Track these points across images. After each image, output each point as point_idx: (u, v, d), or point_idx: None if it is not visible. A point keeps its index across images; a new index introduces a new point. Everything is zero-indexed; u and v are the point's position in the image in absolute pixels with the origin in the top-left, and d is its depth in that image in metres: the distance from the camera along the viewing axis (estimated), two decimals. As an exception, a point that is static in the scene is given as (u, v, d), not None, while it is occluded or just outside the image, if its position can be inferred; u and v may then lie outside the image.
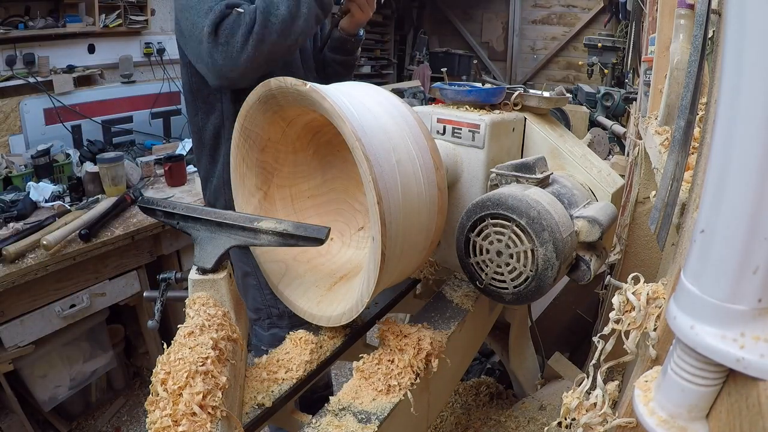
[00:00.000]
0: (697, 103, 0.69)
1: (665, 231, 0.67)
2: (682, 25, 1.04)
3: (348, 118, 0.68)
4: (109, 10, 2.65)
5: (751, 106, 0.31)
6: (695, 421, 0.38)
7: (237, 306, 0.75)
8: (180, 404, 0.55)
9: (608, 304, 1.37)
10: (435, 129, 1.01)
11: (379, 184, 0.67)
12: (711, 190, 0.34)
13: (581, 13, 5.47)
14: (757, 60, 0.30)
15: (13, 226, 1.72)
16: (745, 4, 0.30)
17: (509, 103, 1.03)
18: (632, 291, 0.58)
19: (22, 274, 1.55)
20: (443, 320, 0.95)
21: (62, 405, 1.97)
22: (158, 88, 2.98)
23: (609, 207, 0.91)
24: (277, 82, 0.77)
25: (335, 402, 0.75)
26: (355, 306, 0.78)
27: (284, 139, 0.94)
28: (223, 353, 0.64)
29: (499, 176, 0.92)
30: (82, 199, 2.02)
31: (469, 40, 6.11)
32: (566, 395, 0.64)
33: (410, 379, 0.78)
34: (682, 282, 0.37)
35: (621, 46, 3.81)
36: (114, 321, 2.12)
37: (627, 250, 1.39)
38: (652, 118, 1.25)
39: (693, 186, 0.66)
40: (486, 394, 1.61)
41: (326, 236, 0.70)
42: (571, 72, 5.65)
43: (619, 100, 3.05)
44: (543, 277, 0.78)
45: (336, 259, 0.99)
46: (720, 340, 0.33)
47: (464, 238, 0.86)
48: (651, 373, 0.45)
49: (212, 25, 1.02)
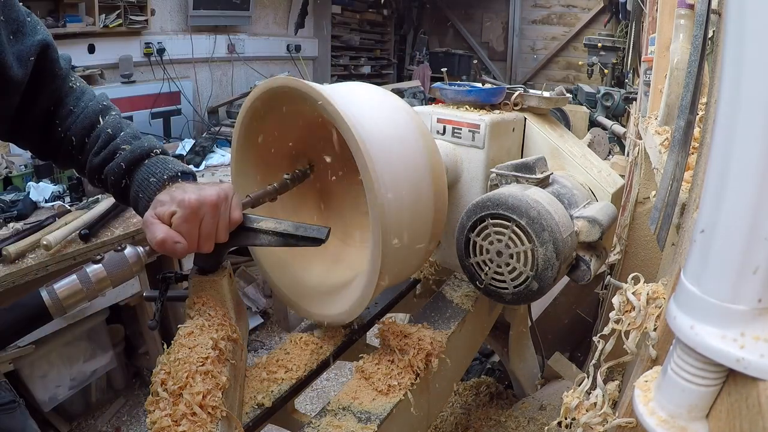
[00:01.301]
0: (697, 103, 0.69)
1: (665, 231, 0.67)
2: (682, 25, 1.04)
3: (348, 117, 0.68)
4: (109, 10, 2.65)
5: (751, 106, 0.31)
6: (695, 421, 0.38)
7: (237, 306, 0.75)
8: (180, 404, 0.56)
9: (608, 304, 1.37)
10: (435, 129, 1.01)
11: (379, 183, 0.67)
12: (711, 190, 0.34)
13: (581, 13, 5.47)
14: (757, 60, 0.31)
15: (13, 226, 1.72)
16: (745, 4, 0.30)
17: (509, 103, 1.03)
18: (632, 291, 0.58)
19: (22, 274, 1.54)
20: (443, 320, 0.95)
21: (62, 405, 1.96)
22: (158, 88, 2.98)
23: (609, 207, 0.91)
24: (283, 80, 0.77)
25: (335, 402, 0.75)
26: (355, 306, 0.78)
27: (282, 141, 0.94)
28: (223, 353, 0.64)
29: (499, 176, 0.92)
30: (82, 199, 2.02)
31: (469, 40, 6.11)
32: (566, 395, 0.64)
33: (410, 379, 0.78)
34: (682, 282, 0.37)
35: (621, 46, 3.81)
36: (114, 321, 2.12)
37: (627, 250, 1.39)
38: (652, 118, 1.25)
39: (693, 186, 0.66)
40: (486, 394, 1.61)
41: (326, 236, 0.70)
42: (571, 72, 5.65)
43: (619, 100, 3.05)
44: (543, 277, 0.78)
45: (336, 258, 0.99)
46: (720, 340, 0.33)
47: (464, 238, 0.86)
48: (651, 373, 0.45)
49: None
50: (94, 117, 0.73)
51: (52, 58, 0.71)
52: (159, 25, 3.06)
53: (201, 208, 0.62)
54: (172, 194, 0.63)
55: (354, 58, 5.10)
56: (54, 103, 0.73)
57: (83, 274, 0.57)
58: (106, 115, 0.73)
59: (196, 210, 0.61)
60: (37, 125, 0.73)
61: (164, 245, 0.60)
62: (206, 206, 0.62)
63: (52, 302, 0.55)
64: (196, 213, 0.61)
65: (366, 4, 5.09)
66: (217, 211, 0.64)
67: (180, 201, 0.61)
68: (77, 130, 0.72)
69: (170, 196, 0.63)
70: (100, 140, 0.71)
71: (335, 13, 4.62)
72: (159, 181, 0.68)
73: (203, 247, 0.64)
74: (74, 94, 0.74)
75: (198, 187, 0.65)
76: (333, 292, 0.89)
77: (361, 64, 5.20)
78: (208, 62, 3.43)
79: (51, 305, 0.55)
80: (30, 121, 0.72)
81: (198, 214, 0.62)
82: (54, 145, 0.74)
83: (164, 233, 0.60)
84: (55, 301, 0.55)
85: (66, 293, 0.56)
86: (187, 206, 0.61)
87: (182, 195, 0.62)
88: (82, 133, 0.72)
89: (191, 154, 2.66)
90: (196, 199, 0.61)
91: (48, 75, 0.71)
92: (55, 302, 0.55)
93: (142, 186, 0.69)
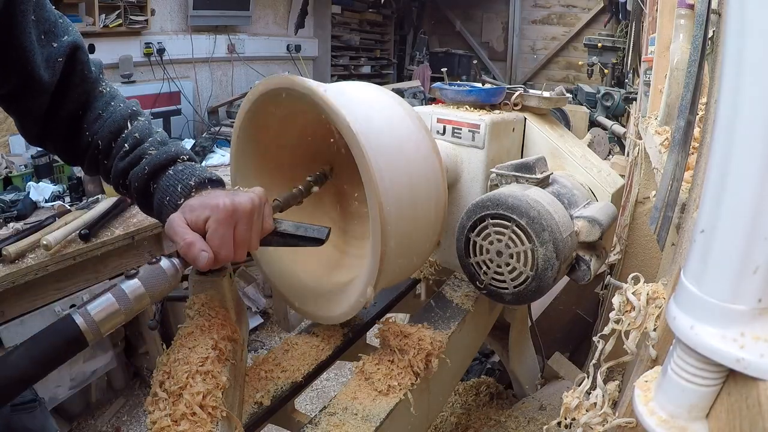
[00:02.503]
0: (697, 103, 0.69)
1: (665, 231, 0.67)
2: (682, 25, 1.04)
3: (347, 116, 0.68)
4: (109, 10, 2.65)
5: (751, 106, 0.31)
6: (695, 421, 0.38)
7: (237, 306, 0.75)
8: (180, 404, 0.55)
9: (608, 304, 1.37)
10: (435, 129, 1.01)
11: (378, 183, 0.67)
12: (711, 190, 0.34)
13: (581, 13, 5.47)
14: (757, 60, 0.31)
15: (13, 226, 1.72)
16: (745, 4, 0.30)
17: (509, 103, 1.03)
18: (632, 291, 0.58)
19: (22, 274, 1.55)
20: (443, 320, 0.95)
21: (62, 405, 1.97)
22: (158, 88, 2.98)
23: (609, 207, 0.91)
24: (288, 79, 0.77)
25: (335, 402, 0.75)
26: (355, 306, 0.78)
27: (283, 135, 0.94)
28: (223, 353, 0.64)
29: (499, 176, 0.92)
30: (82, 199, 2.02)
31: (469, 40, 6.11)
32: (566, 395, 0.64)
33: (410, 379, 0.78)
34: (682, 282, 0.37)
35: (621, 46, 3.81)
36: (114, 321, 2.12)
37: (627, 250, 1.39)
38: (652, 118, 1.25)
39: (693, 186, 0.66)
40: (486, 394, 1.61)
41: (327, 236, 0.69)
42: (571, 72, 5.65)
43: (619, 100, 3.05)
44: (543, 277, 0.78)
45: (336, 258, 0.99)
46: (720, 340, 0.33)
47: (464, 238, 0.86)
48: (651, 373, 0.45)
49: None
50: (122, 121, 0.70)
51: (81, 60, 0.69)
52: (159, 25, 3.06)
53: (235, 213, 0.59)
54: (204, 200, 0.60)
55: (354, 58, 5.10)
56: (82, 106, 0.71)
57: (119, 292, 0.52)
58: (134, 120, 0.71)
59: (231, 215, 0.58)
60: (65, 128, 0.71)
61: (191, 249, 0.56)
62: (240, 212, 0.59)
63: (87, 326, 0.49)
64: (231, 218, 0.58)
65: (366, 4, 5.09)
66: (251, 218, 0.61)
67: (214, 206, 0.58)
68: (104, 134, 0.70)
69: (201, 201, 0.60)
70: (126, 144, 0.69)
71: (335, 13, 4.62)
72: (186, 187, 0.64)
73: (237, 255, 0.61)
74: (103, 98, 0.72)
75: (231, 193, 0.62)
76: (333, 292, 0.89)
77: (361, 64, 5.21)
78: (208, 62, 3.44)
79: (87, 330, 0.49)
80: (58, 123, 0.70)
81: (233, 220, 0.59)
82: (81, 149, 0.72)
83: (193, 237, 0.57)
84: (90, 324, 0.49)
85: (102, 315, 0.50)
86: (222, 211, 0.58)
87: (215, 200, 0.59)
88: (108, 138, 0.69)
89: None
90: (231, 204, 0.59)
91: (77, 77, 0.69)
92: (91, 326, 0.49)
93: (168, 191, 0.66)
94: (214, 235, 0.58)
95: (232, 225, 0.59)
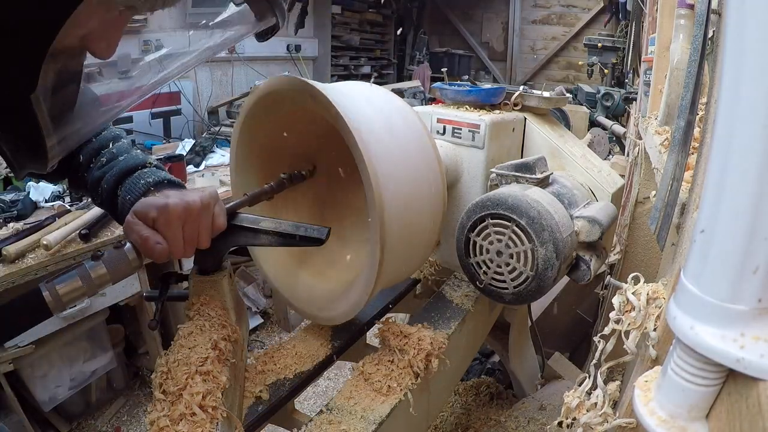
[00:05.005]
0: (697, 103, 0.69)
1: (665, 231, 0.67)
2: (682, 25, 1.04)
3: (348, 116, 0.68)
4: (109, 9, 2.64)
5: (751, 106, 0.31)
6: (695, 421, 0.38)
7: (237, 306, 0.75)
8: (180, 405, 0.56)
9: (608, 304, 1.37)
10: (435, 129, 1.01)
11: (378, 182, 0.67)
12: (711, 190, 0.34)
13: (581, 13, 5.47)
14: (757, 59, 0.30)
15: (13, 226, 1.72)
16: (745, 4, 0.30)
17: (509, 103, 1.04)
18: (632, 291, 0.58)
19: (22, 274, 1.54)
20: (443, 320, 0.95)
21: (62, 405, 1.96)
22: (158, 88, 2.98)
23: (609, 207, 0.91)
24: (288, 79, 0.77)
25: (335, 402, 0.75)
26: (355, 306, 0.78)
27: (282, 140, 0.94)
28: (223, 353, 0.64)
29: (499, 176, 0.92)
30: (82, 199, 2.02)
31: (469, 40, 6.11)
32: (567, 395, 0.64)
33: (410, 379, 0.78)
34: (682, 282, 0.37)
35: (621, 46, 3.81)
36: (114, 321, 2.12)
37: (627, 250, 1.39)
38: (652, 118, 1.25)
39: (693, 186, 0.66)
40: (486, 394, 1.61)
41: (326, 236, 0.69)
42: (571, 72, 5.65)
43: (619, 100, 3.05)
44: (543, 277, 0.78)
45: (336, 258, 0.99)
46: (720, 340, 0.33)
47: (464, 238, 0.86)
48: (651, 373, 0.45)
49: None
50: (105, 143, 0.76)
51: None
52: (158, 23, 3.05)
53: (183, 212, 0.62)
54: (156, 199, 0.64)
55: (354, 58, 5.10)
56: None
57: (83, 270, 0.58)
58: (117, 142, 0.76)
59: (179, 214, 0.61)
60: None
61: (146, 243, 0.60)
62: (189, 211, 0.62)
63: (51, 298, 0.55)
64: (179, 217, 0.61)
65: (366, 4, 5.08)
66: (200, 217, 0.64)
67: (163, 205, 0.61)
68: (87, 153, 0.75)
69: (153, 200, 0.63)
70: (103, 158, 0.74)
71: (335, 13, 4.62)
72: (145, 184, 0.69)
73: (187, 252, 0.64)
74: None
75: (181, 192, 0.66)
76: (333, 292, 0.89)
77: (361, 64, 5.20)
78: (208, 62, 3.43)
79: (50, 301, 0.55)
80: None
81: (180, 219, 0.62)
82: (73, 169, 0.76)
83: (148, 231, 0.60)
84: (54, 297, 0.56)
85: (66, 289, 0.56)
86: (170, 210, 0.61)
87: (165, 200, 0.62)
88: (90, 155, 0.75)
89: (191, 154, 2.65)
90: (180, 202, 0.62)
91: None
92: (55, 298, 0.56)
93: (130, 191, 0.70)
94: (164, 232, 0.61)
95: (181, 223, 0.62)
